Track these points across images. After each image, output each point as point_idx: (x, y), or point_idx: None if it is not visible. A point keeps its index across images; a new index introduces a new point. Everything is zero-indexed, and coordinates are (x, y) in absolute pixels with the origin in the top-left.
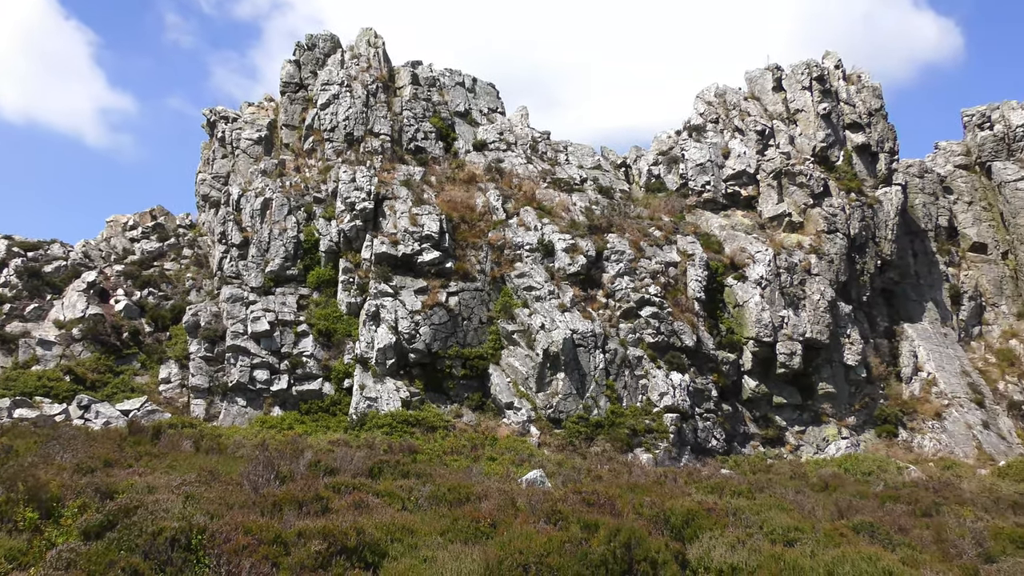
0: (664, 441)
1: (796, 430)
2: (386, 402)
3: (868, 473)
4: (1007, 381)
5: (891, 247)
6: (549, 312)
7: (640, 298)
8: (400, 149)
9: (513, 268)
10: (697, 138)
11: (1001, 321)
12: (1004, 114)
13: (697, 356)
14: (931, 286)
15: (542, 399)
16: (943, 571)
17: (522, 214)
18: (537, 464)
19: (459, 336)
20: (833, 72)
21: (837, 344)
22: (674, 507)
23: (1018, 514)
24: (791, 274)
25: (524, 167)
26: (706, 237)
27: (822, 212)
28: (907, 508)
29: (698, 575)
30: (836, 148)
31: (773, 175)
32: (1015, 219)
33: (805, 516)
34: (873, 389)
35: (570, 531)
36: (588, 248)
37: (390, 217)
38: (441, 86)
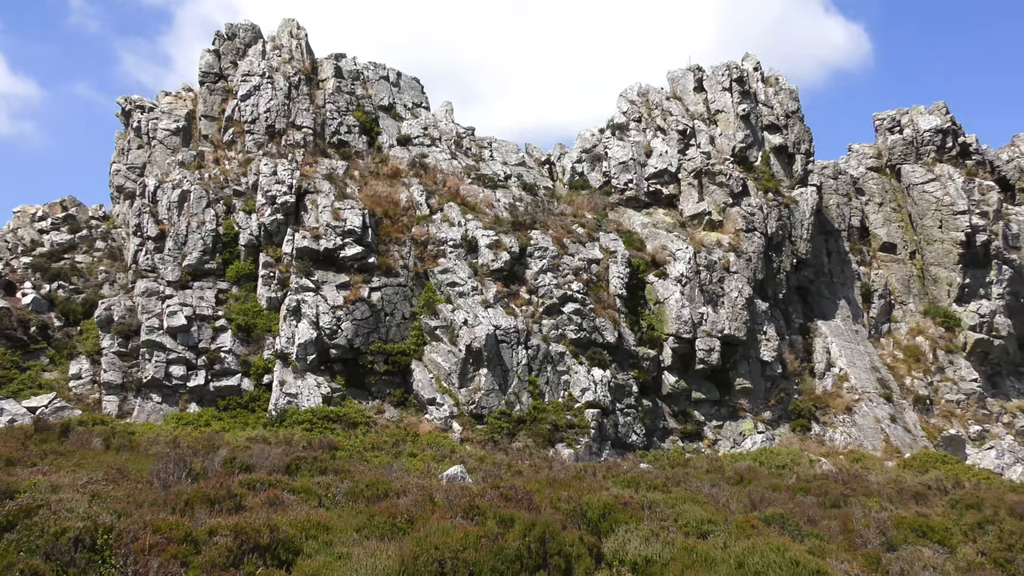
0: (585, 436)
1: (714, 425)
2: (306, 398)
3: (782, 466)
4: (913, 376)
5: (806, 246)
6: (472, 308)
7: (563, 295)
8: (323, 143)
9: (437, 264)
10: (620, 136)
11: (909, 319)
12: (913, 119)
13: (618, 352)
14: (844, 284)
15: (465, 395)
16: (848, 560)
17: (446, 210)
18: (458, 460)
19: (381, 332)
20: (752, 74)
21: (754, 340)
22: (591, 501)
23: (920, 504)
24: (711, 272)
25: (448, 163)
26: (628, 235)
27: (741, 211)
28: (817, 500)
29: (613, 568)
30: (755, 149)
31: (694, 174)
32: (922, 220)
33: (719, 509)
34: (788, 384)
35: (487, 526)
36: (512, 244)
37: (312, 211)
38: (365, 80)
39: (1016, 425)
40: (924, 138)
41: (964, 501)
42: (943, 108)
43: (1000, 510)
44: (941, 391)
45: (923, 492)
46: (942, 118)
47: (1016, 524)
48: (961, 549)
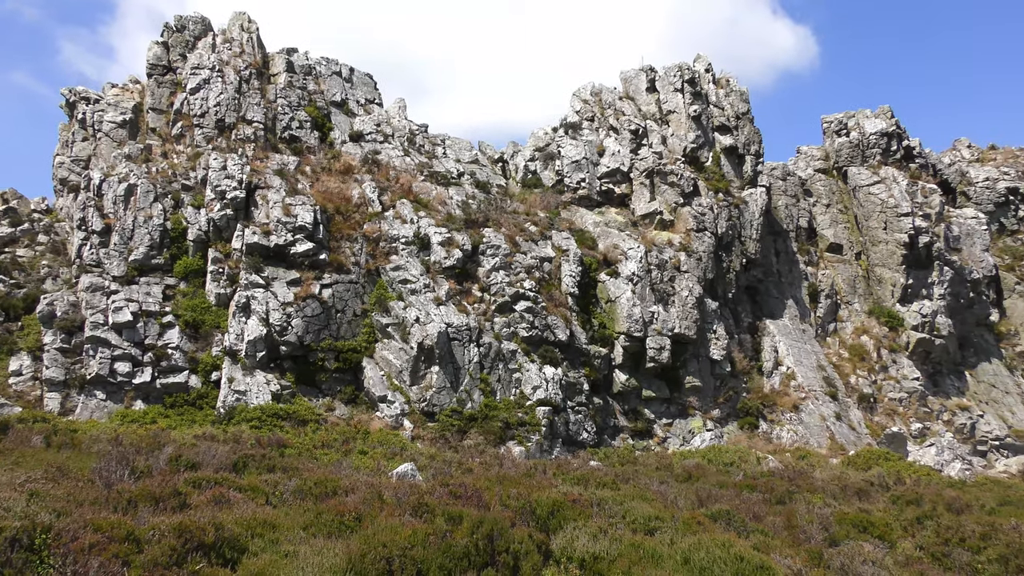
0: (536, 434)
1: (664, 422)
2: (256, 395)
3: (730, 463)
4: (858, 375)
5: (756, 246)
6: (424, 305)
7: (515, 292)
8: (274, 138)
9: (389, 261)
10: (573, 135)
11: (854, 318)
12: (859, 122)
13: (570, 350)
14: (792, 284)
15: (416, 392)
16: (791, 555)
17: (399, 207)
18: (409, 457)
19: (332, 329)
20: (704, 75)
21: (704, 339)
22: (540, 499)
23: (862, 500)
24: (661, 271)
25: (401, 159)
26: (580, 233)
27: (692, 211)
28: (763, 496)
29: (561, 565)
30: (706, 149)
31: (646, 174)
32: (867, 222)
33: (667, 505)
34: (737, 383)
35: (435, 524)
36: (464, 242)
37: (262, 207)
38: (317, 75)
39: (955, 423)
40: (870, 141)
41: (904, 497)
42: (888, 112)
43: (938, 506)
44: (884, 389)
45: (866, 488)
46: (887, 122)
47: (953, 519)
48: (901, 544)
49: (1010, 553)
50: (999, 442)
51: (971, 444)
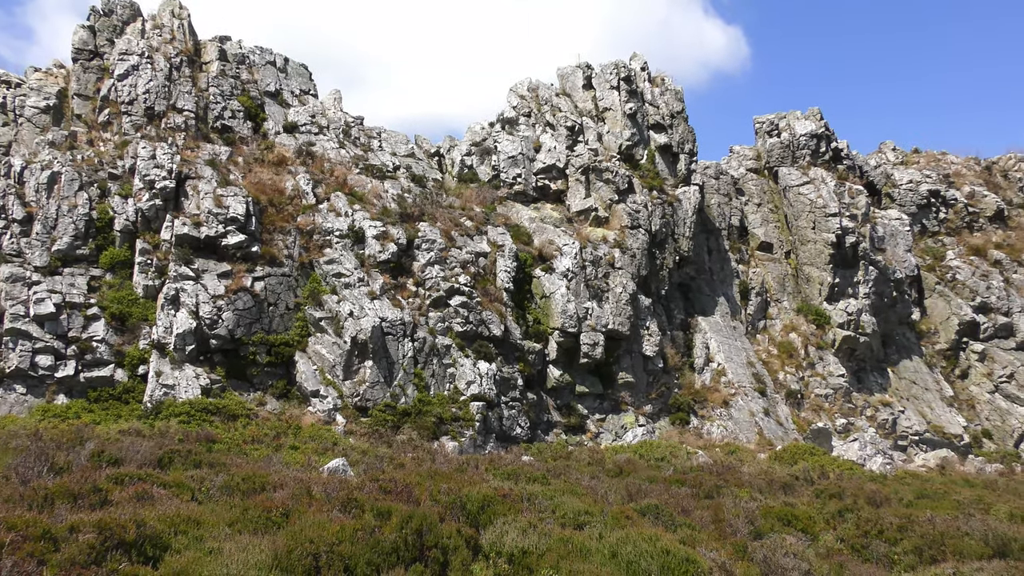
0: (470, 429)
1: (597, 418)
2: (184, 389)
3: (661, 458)
4: (786, 371)
5: (689, 244)
6: (358, 299)
7: (450, 287)
8: (205, 127)
9: (322, 254)
10: (510, 131)
11: (783, 316)
12: (790, 123)
13: (504, 345)
14: (723, 282)
15: (349, 387)
16: (717, 548)
17: (333, 199)
18: (341, 453)
19: (264, 322)
20: (639, 74)
21: (637, 335)
22: (471, 494)
23: (788, 494)
24: (596, 267)
25: (336, 152)
26: (516, 228)
27: (626, 208)
28: (692, 491)
29: (490, 559)
30: (641, 147)
31: (581, 170)
32: (797, 221)
33: (597, 500)
34: (669, 379)
35: (364, 519)
36: (399, 236)
37: (193, 197)
38: (251, 64)
39: (878, 418)
40: (800, 142)
41: (828, 491)
42: (818, 114)
43: (859, 499)
44: (811, 386)
45: (791, 483)
46: (817, 124)
47: (872, 512)
48: (823, 536)
49: (924, 544)
50: (918, 437)
51: (892, 439)
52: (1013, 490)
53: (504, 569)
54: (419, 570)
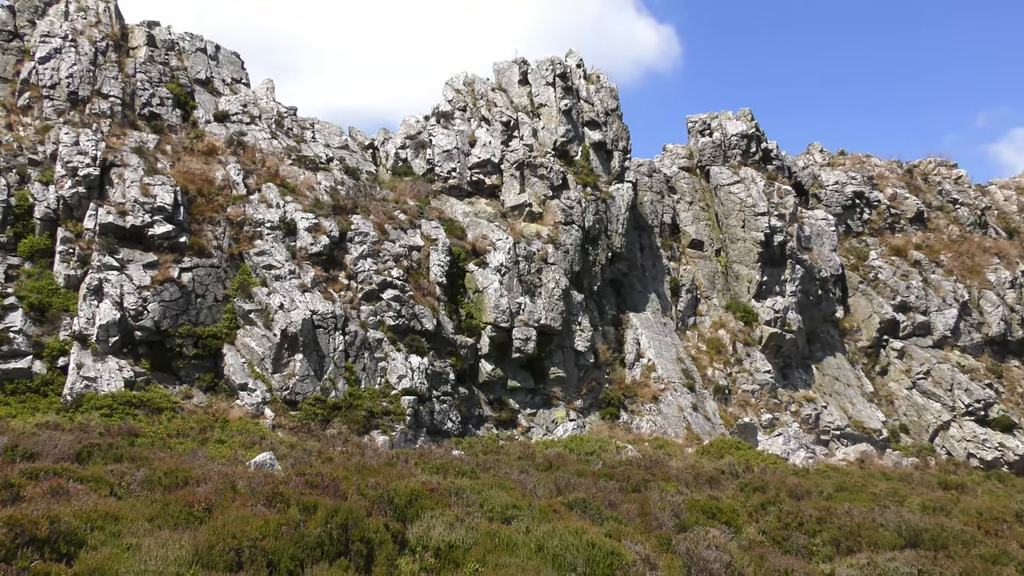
0: (401, 423)
1: (528, 412)
2: (107, 382)
3: (590, 453)
4: (714, 367)
5: (621, 240)
6: (289, 292)
7: (383, 281)
8: (132, 114)
9: (253, 245)
10: (445, 125)
11: (712, 313)
12: (722, 123)
13: (437, 340)
14: (655, 278)
15: (278, 380)
16: (642, 541)
17: (264, 190)
18: (269, 447)
19: (192, 314)
20: (575, 71)
21: (569, 331)
22: (399, 488)
23: (713, 488)
24: (529, 262)
25: (268, 142)
26: (450, 223)
27: (560, 204)
28: (619, 485)
29: (416, 554)
30: (575, 144)
31: (516, 166)
32: (727, 220)
33: (526, 494)
34: (600, 374)
35: (289, 514)
36: (332, 228)
37: (119, 186)
38: (181, 51)
39: (802, 413)
40: (731, 142)
41: (752, 484)
42: (749, 115)
43: (781, 492)
44: (739, 381)
45: (717, 476)
46: (748, 124)
47: (794, 505)
48: (746, 529)
49: (841, 536)
50: (840, 432)
51: (815, 434)
52: (927, 483)
53: (430, 563)
54: (344, 564)
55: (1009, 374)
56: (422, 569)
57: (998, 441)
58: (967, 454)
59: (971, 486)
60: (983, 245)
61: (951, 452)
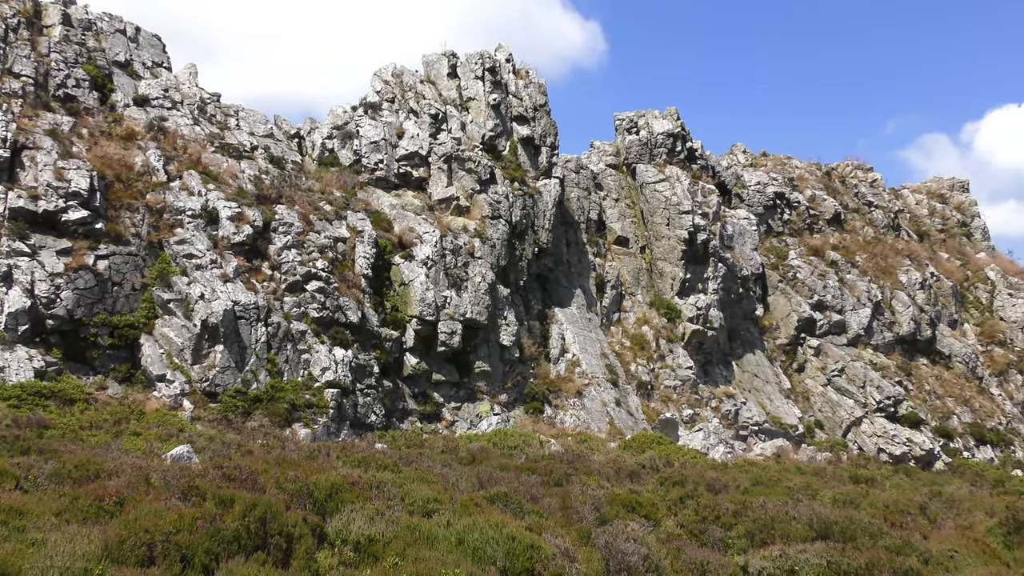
0: (324, 416)
1: (452, 406)
2: (15, 372)
3: (514, 447)
4: (638, 363)
5: (548, 236)
6: (210, 282)
7: (307, 272)
8: (46, 95)
9: (173, 234)
10: (373, 116)
11: (637, 309)
12: (648, 121)
13: (361, 332)
14: (580, 274)
15: (198, 372)
16: (562, 534)
17: (186, 177)
18: (187, 439)
19: (108, 303)
20: (504, 65)
21: (494, 325)
22: (318, 481)
23: (634, 482)
24: (456, 256)
25: (191, 128)
26: (376, 215)
27: (488, 198)
28: (542, 479)
29: (335, 547)
30: (503, 138)
31: (444, 159)
32: (652, 217)
33: (448, 488)
34: (525, 368)
35: (205, 507)
36: (255, 218)
37: (31, 169)
38: (99, 31)
39: (722, 409)
40: (657, 140)
41: (671, 479)
42: (675, 114)
43: (700, 486)
44: (661, 377)
45: (638, 471)
46: (674, 123)
47: (711, 499)
48: (664, 522)
49: (756, 528)
50: (758, 427)
51: (735, 429)
52: (839, 477)
53: (349, 557)
54: (261, 559)
55: (917, 372)
56: (341, 563)
57: (906, 437)
58: (877, 449)
59: (880, 480)
60: (896, 247)
61: (862, 447)
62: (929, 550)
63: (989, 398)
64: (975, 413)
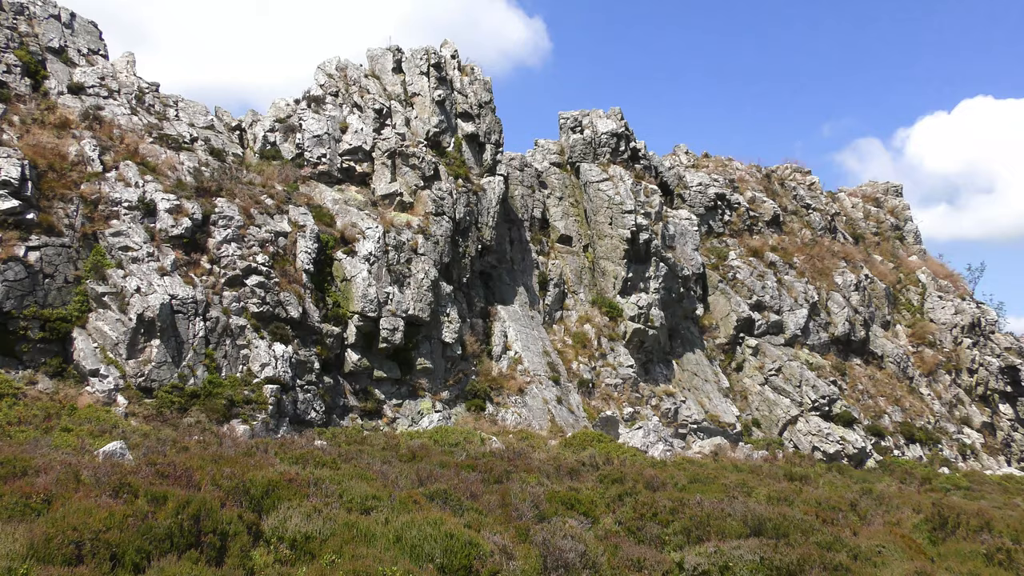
0: (263, 412)
1: (394, 403)
2: None
3: (455, 444)
4: (579, 361)
5: (492, 233)
6: (147, 275)
7: (247, 266)
8: None
9: (108, 225)
10: (316, 109)
11: (579, 307)
12: (593, 121)
13: (302, 328)
14: (524, 272)
15: (133, 367)
16: (500, 531)
17: (122, 168)
18: (120, 435)
19: (39, 295)
20: (450, 61)
21: (437, 322)
22: (255, 478)
23: (574, 479)
24: (399, 252)
25: (128, 118)
26: (319, 209)
27: (432, 195)
28: (482, 476)
29: (271, 545)
30: (448, 135)
31: (388, 154)
32: (595, 216)
33: (387, 485)
34: (467, 366)
35: (136, 505)
36: (195, 211)
37: None
38: (31, 16)
39: (662, 407)
40: (601, 140)
41: (611, 476)
42: (619, 114)
43: (639, 483)
44: (602, 375)
45: (578, 468)
46: (617, 123)
47: (649, 496)
48: (603, 519)
49: (692, 525)
50: (697, 425)
51: (674, 427)
52: (774, 474)
53: (286, 554)
54: (194, 557)
55: (851, 372)
56: (277, 560)
57: (840, 435)
58: (812, 447)
59: (813, 477)
60: (832, 249)
61: (798, 445)
62: (858, 546)
63: (919, 398)
64: (905, 412)
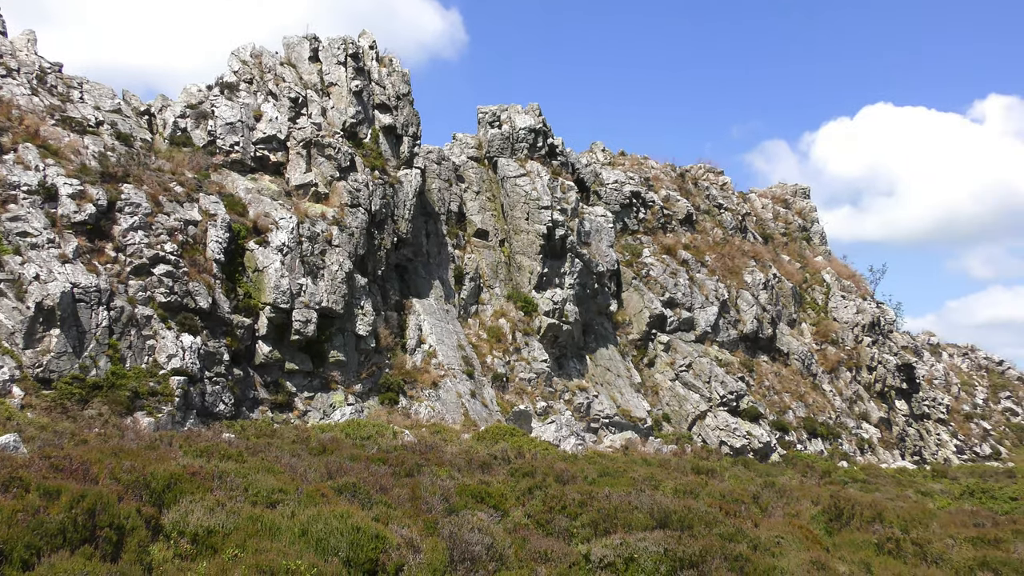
0: (169, 404)
1: (306, 396)
2: None
3: (367, 437)
4: (494, 355)
5: (408, 226)
6: (47, 262)
7: (154, 255)
8: None
9: (6, 210)
10: (229, 96)
11: (494, 302)
12: (511, 116)
13: (212, 319)
14: (439, 266)
15: (31, 357)
16: (409, 525)
17: (22, 151)
18: (15, 428)
19: None
20: (368, 52)
21: (351, 314)
22: (156, 471)
23: (485, 472)
24: (313, 243)
25: (28, 99)
26: (231, 198)
27: (347, 186)
28: (392, 469)
29: (171, 539)
30: (365, 126)
31: (303, 144)
32: (512, 211)
33: (295, 478)
34: (381, 359)
35: (27, 499)
36: (99, 197)
37: None
38: None
39: (575, 402)
40: (519, 135)
41: (522, 470)
42: (537, 110)
43: (549, 477)
44: (516, 370)
45: (489, 462)
46: (536, 119)
47: (559, 489)
48: (512, 512)
49: (600, 518)
50: (608, 420)
51: (586, 422)
52: (682, 468)
53: (186, 549)
54: (88, 552)
55: (759, 368)
56: (176, 555)
57: (746, 430)
58: (720, 442)
59: (720, 471)
60: (742, 248)
61: (706, 440)
62: (759, 537)
63: (821, 394)
64: (808, 408)
